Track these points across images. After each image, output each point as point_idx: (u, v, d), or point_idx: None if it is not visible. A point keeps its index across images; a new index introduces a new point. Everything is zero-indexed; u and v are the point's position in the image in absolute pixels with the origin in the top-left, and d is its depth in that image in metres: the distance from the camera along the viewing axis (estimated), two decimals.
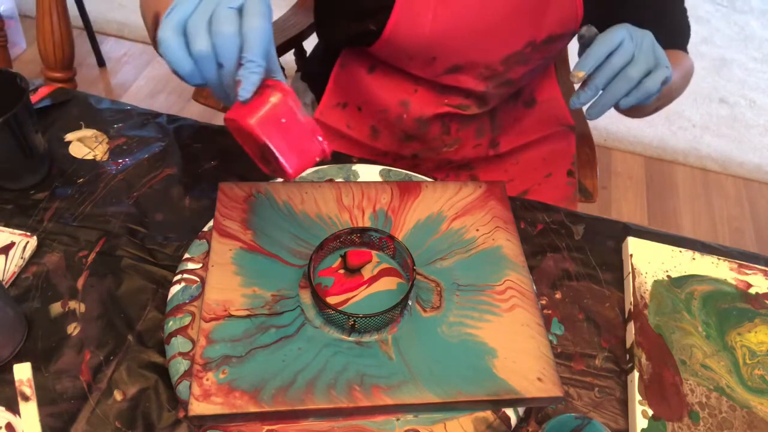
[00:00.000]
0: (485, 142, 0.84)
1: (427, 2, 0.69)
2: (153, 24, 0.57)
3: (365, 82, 0.79)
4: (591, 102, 0.60)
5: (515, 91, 0.81)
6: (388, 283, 0.60)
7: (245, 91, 0.45)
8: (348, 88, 0.82)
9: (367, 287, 0.59)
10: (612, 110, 0.63)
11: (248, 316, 0.55)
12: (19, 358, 0.55)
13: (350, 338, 0.54)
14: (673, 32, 0.78)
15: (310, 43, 0.93)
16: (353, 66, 0.80)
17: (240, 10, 0.45)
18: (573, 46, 0.94)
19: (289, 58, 1.08)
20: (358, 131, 0.84)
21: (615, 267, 0.67)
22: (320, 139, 0.48)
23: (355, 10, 0.73)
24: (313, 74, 0.92)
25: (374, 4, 0.70)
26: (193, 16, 0.45)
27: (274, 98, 0.47)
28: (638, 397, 0.55)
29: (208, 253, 0.60)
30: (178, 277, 0.59)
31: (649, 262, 0.65)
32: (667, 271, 0.65)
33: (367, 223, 0.64)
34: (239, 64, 0.45)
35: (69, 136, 0.74)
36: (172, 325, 0.56)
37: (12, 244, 0.61)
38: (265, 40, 0.45)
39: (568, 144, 0.92)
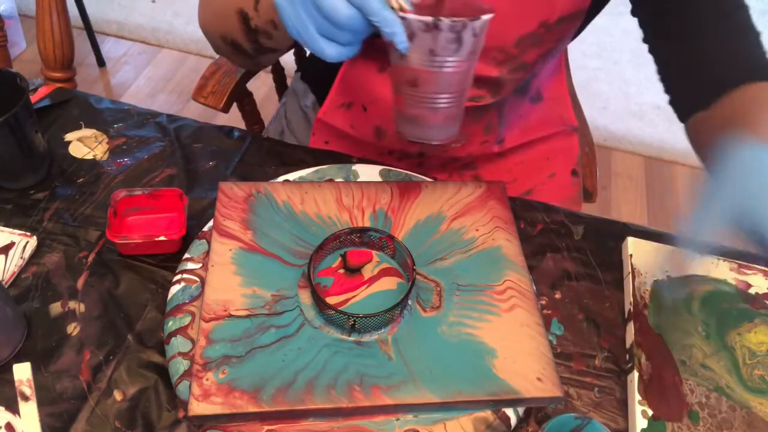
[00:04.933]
0: (492, 138, 0.84)
1: None
2: (240, 20, 0.60)
3: (375, 81, 0.79)
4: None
5: (525, 82, 0.80)
6: (388, 283, 0.60)
7: None
8: (355, 87, 0.82)
9: (367, 287, 0.59)
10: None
11: (248, 316, 0.55)
12: (19, 358, 0.55)
13: (350, 338, 0.54)
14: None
15: None
16: (363, 65, 0.80)
17: None
18: (571, 47, 0.93)
19: (289, 58, 1.08)
20: (362, 131, 0.84)
21: (615, 267, 0.67)
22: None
23: None
24: (315, 74, 0.92)
25: None
26: None
27: None
28: (638, 397, 0.55)
29: (208, 253, 0.60)
30: (178, 277, 0.59)
31: (649, 262, 0.65)
32: (667, 271, 0.65)
33: (367, 223, 0.64)
34: None
35: (69, 136, 0.74)
36: (171, 325, 0.56)
37: (12, 244, 0.61)
38: None
39: (571, 144, 0.92)
